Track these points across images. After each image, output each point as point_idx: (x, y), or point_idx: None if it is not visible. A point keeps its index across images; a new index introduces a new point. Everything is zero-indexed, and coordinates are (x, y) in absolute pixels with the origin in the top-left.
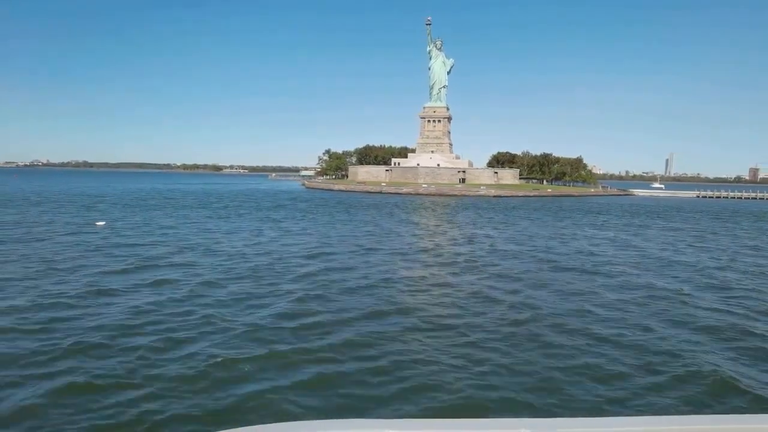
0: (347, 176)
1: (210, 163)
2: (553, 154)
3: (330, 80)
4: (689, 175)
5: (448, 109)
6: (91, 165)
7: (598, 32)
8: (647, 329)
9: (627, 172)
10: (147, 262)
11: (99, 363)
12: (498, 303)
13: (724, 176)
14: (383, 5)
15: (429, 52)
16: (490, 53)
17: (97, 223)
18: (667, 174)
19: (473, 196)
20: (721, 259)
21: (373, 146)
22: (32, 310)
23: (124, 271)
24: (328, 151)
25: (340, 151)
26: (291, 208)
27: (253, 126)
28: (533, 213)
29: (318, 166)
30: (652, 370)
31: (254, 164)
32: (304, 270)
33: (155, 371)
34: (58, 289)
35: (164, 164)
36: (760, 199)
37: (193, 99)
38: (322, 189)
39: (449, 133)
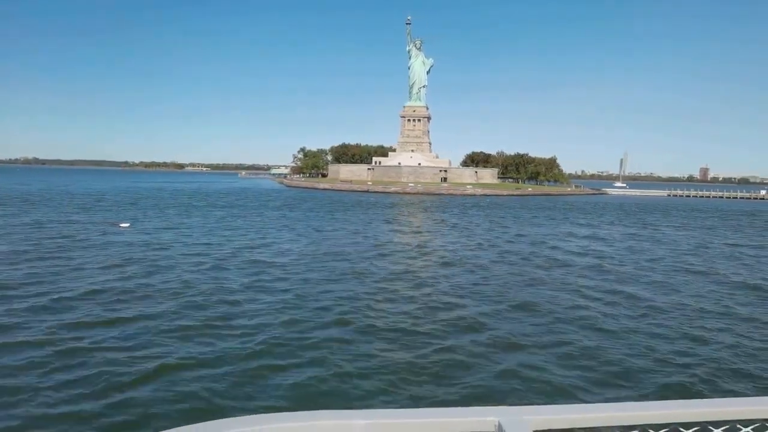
0: (325, 175)
1: (169, 160)
2: (529, 154)
3: (289, 78)
4: (643, 175)
5: (427, 108)
6: (43, 162)
7: (551, 30)
8: None
9: (583, 171)
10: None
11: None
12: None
13: (677, 176)
14: (354, 4)
15: (408, 52)
16: (454, 52)
17: (121, 225)
18: (622, 173)
19: (461, 195)
20: None
21: (350, 144)
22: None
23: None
24: (303, 149)
25: (315, 149)
26: (298, 208)
27: (212, 124)
28: (541, 212)
29: (293, 164)
30: None
31: (216, 162)
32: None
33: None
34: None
35: (122, 162)
36: (726, 198)
37: (149, 95)
38: (306, 188)
39: (428, 132)
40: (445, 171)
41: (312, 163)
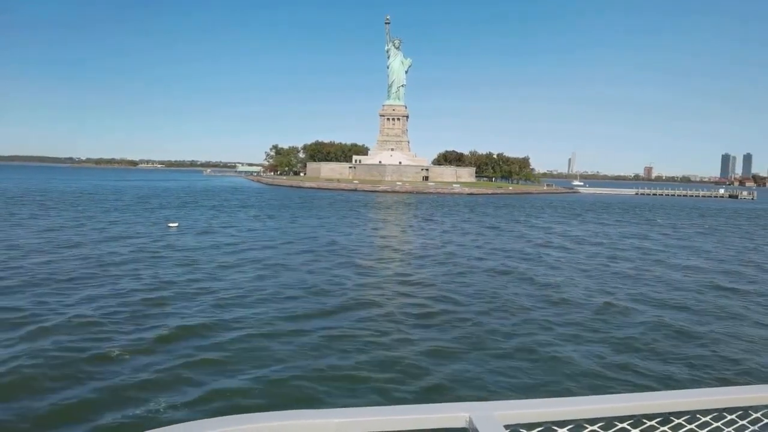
0: (297, 173)
1: (119, 157)
2: (504, 153)
3: (246, 76)
4: (590, 173)
5: (406, 107)
6: None
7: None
8: None
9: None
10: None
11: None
12: None
13: (623, 174)
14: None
15: (387, 51)
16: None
17: (170, 225)
18: (570, 172)
19: (449, 193)
20: None
21: (324, 142)
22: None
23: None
24: (275, 147)
25: (287, 147)
26: (316, 207)
27: (165, 121)
28: (553, 211)
29: (265, 161)
30: None
31: (169, 159)
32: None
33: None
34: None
35: (67, 158)
36: (690, 196)
37: (94, 88)
38: (291, 186)
39: (407, 131)
40: (427, 170)
41: (287, 161)
